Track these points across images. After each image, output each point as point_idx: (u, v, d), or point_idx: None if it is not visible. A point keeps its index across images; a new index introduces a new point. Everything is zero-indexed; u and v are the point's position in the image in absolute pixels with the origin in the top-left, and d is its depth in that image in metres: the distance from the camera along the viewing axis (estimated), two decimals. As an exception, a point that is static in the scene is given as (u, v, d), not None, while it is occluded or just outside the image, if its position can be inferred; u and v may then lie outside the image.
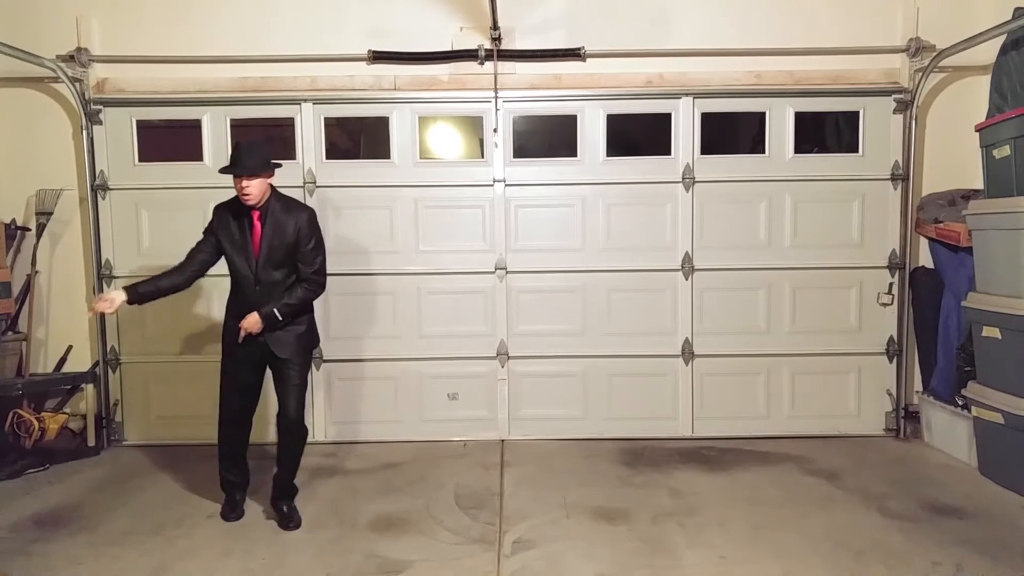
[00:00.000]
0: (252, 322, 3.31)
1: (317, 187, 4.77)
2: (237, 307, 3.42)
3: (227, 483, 3.59)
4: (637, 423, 4.85)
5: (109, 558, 3.14)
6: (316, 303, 4.75)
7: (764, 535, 3.28)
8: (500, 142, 4.74)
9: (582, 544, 3.21)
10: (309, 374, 3.52)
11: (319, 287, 3.47)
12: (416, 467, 4.30)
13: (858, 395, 4.87)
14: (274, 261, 3.35)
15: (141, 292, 3.36)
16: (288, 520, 3.45)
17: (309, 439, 4.75)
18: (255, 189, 3.30)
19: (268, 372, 3.53)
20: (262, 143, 3.46)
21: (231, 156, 3.34)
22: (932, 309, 4.66)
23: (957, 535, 3.26)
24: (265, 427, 4.85)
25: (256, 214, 3.36)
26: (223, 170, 3.33)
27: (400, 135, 4.78)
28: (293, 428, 3.46)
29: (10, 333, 4.67)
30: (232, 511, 3.56)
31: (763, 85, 4.72)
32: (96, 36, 4.71)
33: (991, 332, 3.93)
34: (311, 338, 3.58)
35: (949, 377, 4.50)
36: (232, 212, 3.40)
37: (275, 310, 3.32)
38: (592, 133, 4.78)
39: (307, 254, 3.39)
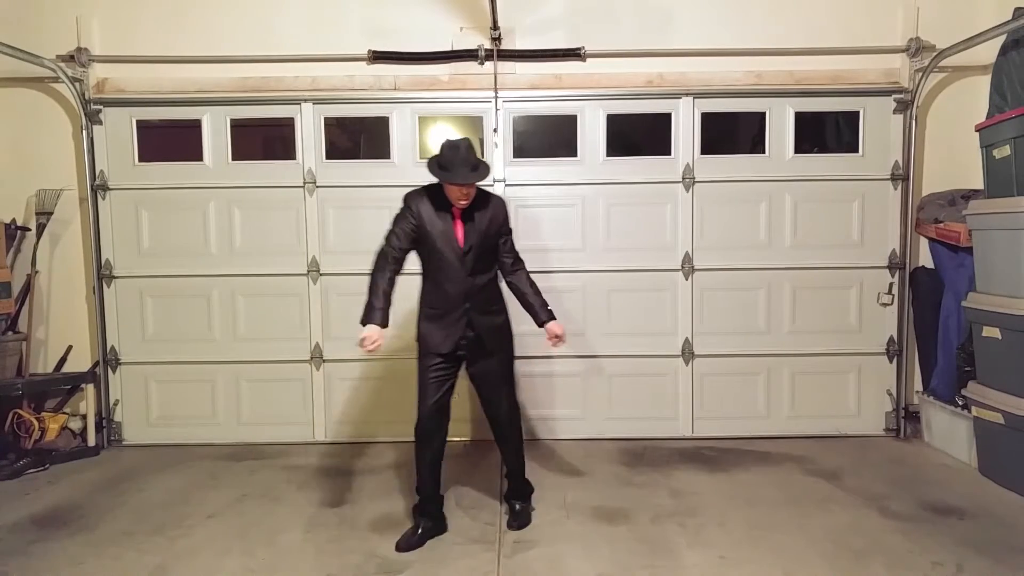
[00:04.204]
0: (560, 329, 3.32)
1: (317, 187, 4.77)
2: (440, 301, 3.22)
3: (421, 490, 3.30)
4: (637, 423, 4.85)
5: (109, 558, 3.13)
6: (318, 302, 4.81)
7: (764, 535, 3.28)
8: (500, 142, 4.74)
9: (582, 544, 3.21)
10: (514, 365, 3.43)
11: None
12: (416, 467, 4.30)
13: (858, 395, 4.86)
14: (484, 250, 3.22)
15: (385, 316, 3.14)
16: (514, 519, 3.41)
17: (309, 439, 4.83)
18: (473, 195, 3.17)
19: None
20: (471, 142, 3.20)
21: (452, 159, 3.09)
22: (932, 309, 4.66)
23: (957, 535, 3.26)
24: (267, 427, 4.88)
25: (458, 209, 3.19)
26: (451, 179, 3.08)
27: (400, 135, 4.78)
28: (511, 417, 3.37)
29: (10, 333, 4.67)
30: (411, 539, 3.22)
31: (763, 85, 4.72)
32: (96, 36, 4.71)
33: (991, 332, 3.92)
34: (510, 329, 3.42)
35: (949, 377, 4.50)
36: (433, 204, 3.18)
37: (547, 308, 3.35)
38: (592, 133, 4.78)
39: (509, 242, 3.35)
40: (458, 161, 3.09)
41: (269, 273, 4.82)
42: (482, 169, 3.16)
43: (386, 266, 3.18)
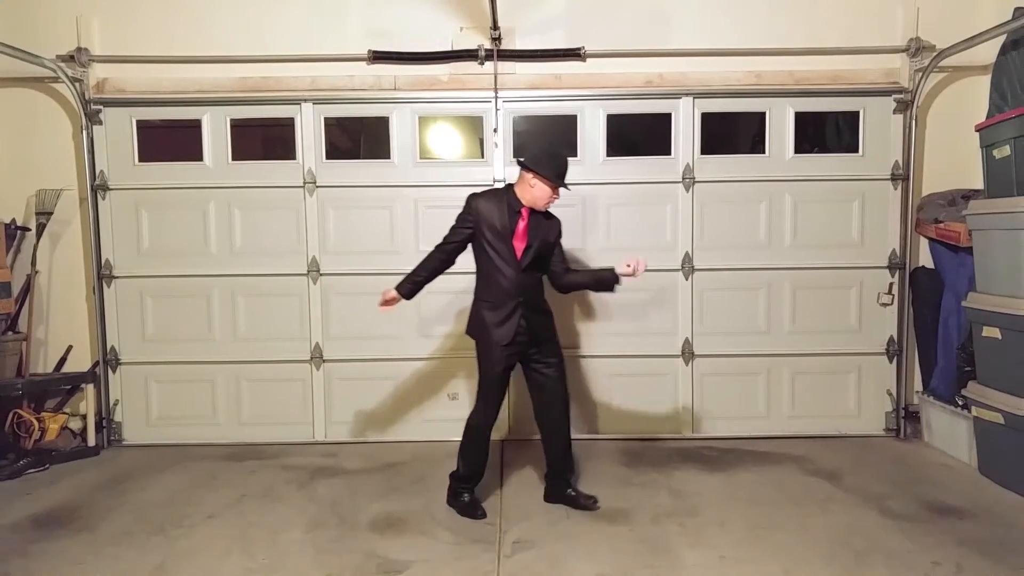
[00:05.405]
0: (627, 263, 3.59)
1: (317, 187, 4.77)
2: (495, 294, 3.48)
3: (473, 479, 3.65)
4: (637, 423, 4.85)
5: (109, 558, 3.14)
6: (318, 302, 4.81)
7: (764, 535, 3.28)
8: (500, 142, 4.74)
9: (582, 544, 3.21)
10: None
11: None
12: (416, 467, 4.30)
13: (858, 395, 4.87)
14: (538, 255, 3.52)
15: (411, 290, 3.62)
16: (584, 500, 3.63)
17: (309, 439, 4.83)
18: None
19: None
20: None
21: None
22: (932, 309, 4.66)
23: (957, 535, 3.26)
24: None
25: (526, 211, 3.48)
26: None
27: (400, 135, 4.78)
28: (566, 403, 3.64)
29: (10, 333, 4.67)
30: (476, 508, 3.58)
31: (763, 85, 4.72)
32: (96, 36, 4.71)
33: (991, 332, 3.93)
34: (555, 326, 3.71)
35: (949, 377, 4.50)
36: (495, 205, 3.48)
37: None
38: (592, 133, 4.78)
39: (562, 253, 3.69)
40: (566, 170, 3.48)
41: (269, 273, 4.82)
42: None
43: (437, 255, 3.59)
